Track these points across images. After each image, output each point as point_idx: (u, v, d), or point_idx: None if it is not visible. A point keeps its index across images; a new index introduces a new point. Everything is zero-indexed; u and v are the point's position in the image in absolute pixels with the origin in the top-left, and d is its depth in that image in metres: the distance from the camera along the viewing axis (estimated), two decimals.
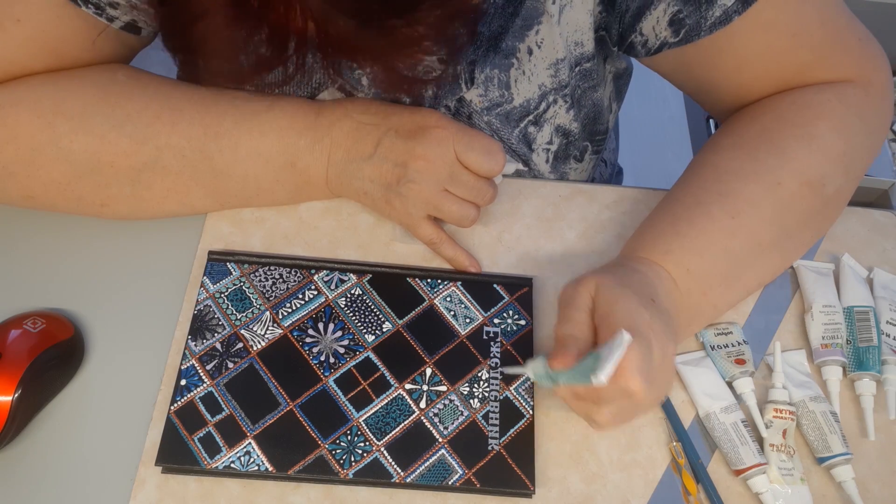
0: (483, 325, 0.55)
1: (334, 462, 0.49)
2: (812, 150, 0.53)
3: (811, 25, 0.53)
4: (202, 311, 0.54)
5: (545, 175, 0.64)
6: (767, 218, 0.52)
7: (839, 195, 0.55)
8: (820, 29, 0.54)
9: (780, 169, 0.52)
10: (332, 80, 0.56)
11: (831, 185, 0.53)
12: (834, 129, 0.53)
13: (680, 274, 0.50)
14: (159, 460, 0.48)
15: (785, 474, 0.49)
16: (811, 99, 0.55)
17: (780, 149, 0.53)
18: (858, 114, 0.55)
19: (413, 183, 0.53)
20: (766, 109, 0.56)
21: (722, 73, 0.56)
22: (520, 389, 0.52)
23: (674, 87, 0.61)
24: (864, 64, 0.56)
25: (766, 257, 0.53)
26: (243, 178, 0.55)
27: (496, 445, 0.50)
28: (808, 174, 0.52)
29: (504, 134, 0.59)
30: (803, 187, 0.52)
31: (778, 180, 0.52)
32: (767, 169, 0.52)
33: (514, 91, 0.57)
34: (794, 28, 0.53)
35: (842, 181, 0.54)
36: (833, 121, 0.54)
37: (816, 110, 0.54)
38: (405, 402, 0.51)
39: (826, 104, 0.54)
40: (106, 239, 0.57)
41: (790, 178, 0.52)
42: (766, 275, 0.55)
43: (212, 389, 0.51)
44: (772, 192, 0.52)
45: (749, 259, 0.52)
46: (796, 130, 0.53)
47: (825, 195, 0.53)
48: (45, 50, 0.51)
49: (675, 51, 0.55)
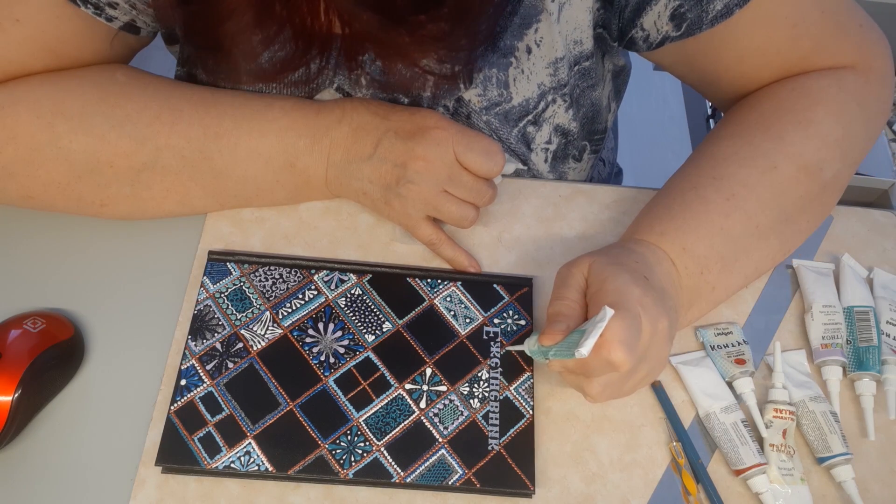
0: (483, 325, 0.55)
1: (334, 462, 0.49)
2: (809, 135, 0.53)
3: (811, 14, 0.54)
4: (202, 311, 0.54)
5: (544, 175, 0.64)
6: (764, 201, 0.52)
7: (836, 180, 0.55)
8: (820, 17, 0.54)
9: (777, 153, 0.53)
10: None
11: (829, 170, 0.54)
12: (832, 114, 0.54)
13: (676, 253, 0.51)
14: (159, 460, 0.48)
15: (785, 474, 0.49)
16: (810, 85, 0.55)
17: (777, 134, 0.53)
18: (857, 100, 0.55)
19: (412, 184, 0.53)
20: (765, 98, 0.56)
21: (723, 64, 0.56)
22: (520, 389, 0.52)
23: (673, 88, 0.61)
24: (864, 50, 0.56)
25: (764, 241, 0.53)
26: (243, 178, 0.55)
27: (496, 445, 0.50)
28: (804, 158, 0.53)
29: (503, 134, 0.59)
30: (800, 171, 0.53)
31: (774, 164, 0.52)
32: (763, 153, 0.53)
33: (512, 90, 0.57)
34: (794, 18, 0.53)
35: (839, 166, 0.54)
36: (831, 106, 0.54)
37: (815, 97, 0.54)
38: (405, 402, 0.51)
39: (825, 90, 0.54)
40: (106, 239, 0.57)
41: (786, 162, 0.52)
42: (764, 260, 0.55)
43: (212, 389, 0.51)
44: (767, 176, 0.52)
45: (746, 241, 0.52)
46: (794, 116, 0.54)
47: (822, 180, 0.54)
48: (44, 50, 0.51)
49: (676, 44, 0.55)
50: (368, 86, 0.56)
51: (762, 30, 0.54)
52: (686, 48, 0.56)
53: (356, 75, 0.56)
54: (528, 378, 0.53)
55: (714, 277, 0.52)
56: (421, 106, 0.57)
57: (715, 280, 0.52)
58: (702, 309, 0.54)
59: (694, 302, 0.52)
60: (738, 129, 0.55)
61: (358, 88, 0.57)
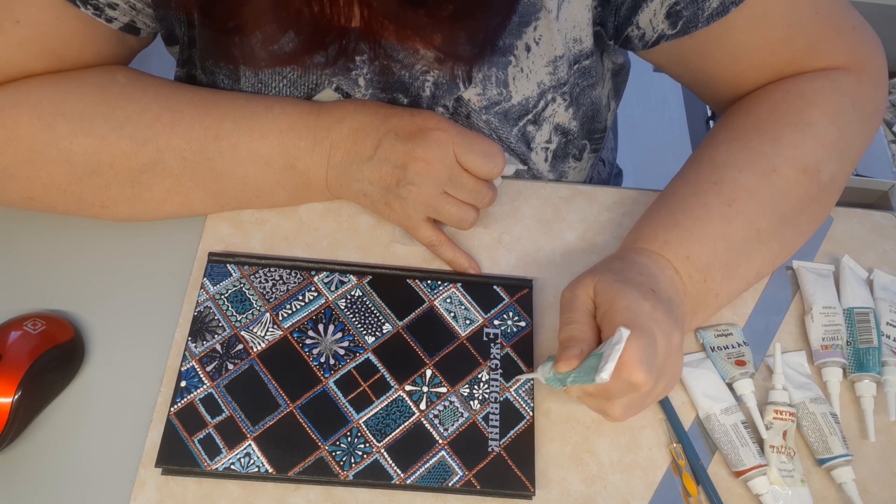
0: (483, 327, 0.55)
1: (334, 463, 0.49)
2: (806, 138, 0.53)
3: (805, 14, 0.54)
4: (202, 313, 0.54)
5: (544, 174, 0.64)
6: (764, 205, 0.52)
7: (834, 181, 0.56)
8: (814, 18, 0.54)
9: (775, 156, 0.53)
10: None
11: (826, 172, 0.54)
12: (827, 116, 0.54)
13: (680, 262, 0.51)
14: (159, 462, 0.48)
15: (785, 476, 0.49)
16: (805, 87, 0.55)
17: (775, 137, 0.53)
18: (852, 100, 0.55)
19: (412, 185, 0.53)
20: (761, 100, 0.56)
21: (718, 63, 0.57)
22: (520, 391, 0.52)
23: (673, 89, 0.62)
24: (858, 51, 0.57)
25: (766, 245, 0.53)
26: (243, 179, 0.55)
27: (496, 447, 0.50)
28: (802, 161, 0.53)
29: (503, 133, 0.59)
30: (798, 174, 0.53)
31: (773, 167, 0.52)
32: (762, 157, 0.53)
33: (512, 89, 0.57)
34: (789, 18, 0.54)
35: (836, 167, 0.55)
36: (826, 108, 0.54)
37: (810, 98, 0.55)
38: (405, 403, 0.51)
39: (819, 92, 0.55)
40: (106, 240, 0.57)
41: (785, 165, 0.53)
42: (766, 264, 0.55)
43: (212, 391, 0.51)
44: (767, 179, 0.52)
45: (748, 247, 0.52)
46: (790, 119, 0.54)
47: (820, 181, 0.54)
48: (44, 51, 0.51)
49: (672, 43, 0.56)
50: (367, 86, 0.56)
51: (757, 29, 0.54)
52: (681, 47, 0.56)
53: (355, 75, 0.56)
54: (528, 380, 0.53)
55: (717, 285, 0.52)
56: (420, 106, 0.57)
57: (718, 287, 0.52)
58: (706, 315, 0.54)
59: (698, 309, 0.52)
60: (735, 133, 0.55)
61: (356, 88, 0.57)
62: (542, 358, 0.54)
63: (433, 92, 0.56)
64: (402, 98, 0.57)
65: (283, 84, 0.56)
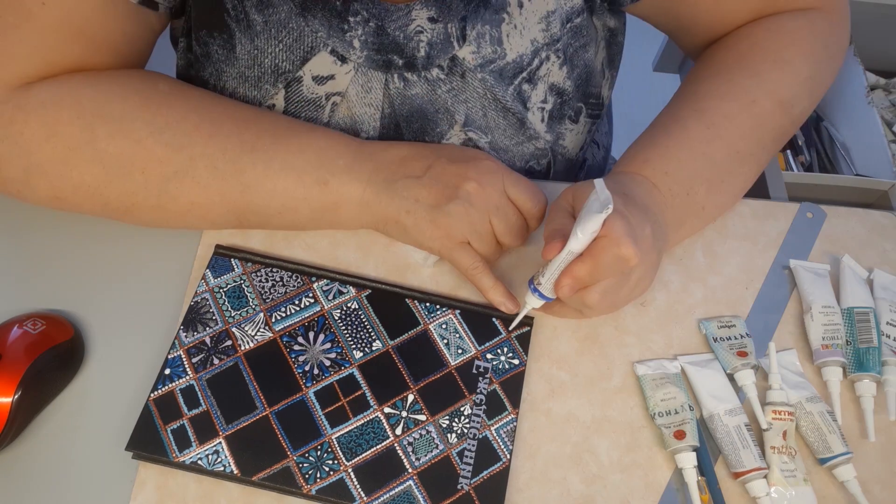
0: (474, 359, 0.53)
1: (300, 475, 0.48)
2: (784, 74, 0.58)
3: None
4: (198, 304, 0.54)
5: (541, 135, 0.63)
6: (744, 130, 0.56)
7: (802, 116, 0.61)
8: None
9: (756, 89, 0.57)
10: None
11: (798, 107, 0.59)
12: (803, 55, 0.59)
13: (658, 177, 0.54)
14: (130, 446, 0.48)
15: (788, 476, 0.49)
16: (784, 26, 0.60)
17: (756, 72, 0.58)
18: (823, 41, 0.60)
19: (463, 203, 0.53)
20: (742, 38, 0.61)
21: (701, 7, 0.61)
22: (501, 431, 0.50)
23: (674, 88, 0.64)
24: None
25: (746, 165, 0.58)
26: (271, 192, 0.54)
27: (466, 485, 0.48)
28: (780, 95, 0.58)
29: (499, 92, 0.58)
30: (776, 106, 0.57)
31: (753, 99, 0.57)
32: (743, 89, 0.57)
33: (506, 46, 0.57)
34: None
35: (807, 104, 0.60)
36: (803, 47, 0.59)
37: (789, 37, 0.59)
38: (381, 425, 0.50)
39: (798, 31, 0.59)
40: (106, 240, 0.57)
41: (765, 97, 0.57)
42: (748, 181, 0.60)
43: (193, 383, 0.51)
44: (747, 109, 0.57)
45: (729, 164, 0.56)
46: (770, 55, 0.58)
47: (793, 115, 0.59)
48: (75, 32, 0.52)
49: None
50: (362, 47, 0.55)
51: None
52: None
53: (350, 37, 0.55)
54: (511, 420, 0.51)
55: (702, 198, 0.56)
56: (415, 67, 0.56)
57: (704, 200, 0.56)
58: (693, 227, 0.58)
59: (684, 221, 0.56)
60: (717, 68, 0.59)
61: (352, 51, 0.55)
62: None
63: (428, 52, 0.56)
64: (397, 59, 0.56)
65: (280, 49, 0.55)
